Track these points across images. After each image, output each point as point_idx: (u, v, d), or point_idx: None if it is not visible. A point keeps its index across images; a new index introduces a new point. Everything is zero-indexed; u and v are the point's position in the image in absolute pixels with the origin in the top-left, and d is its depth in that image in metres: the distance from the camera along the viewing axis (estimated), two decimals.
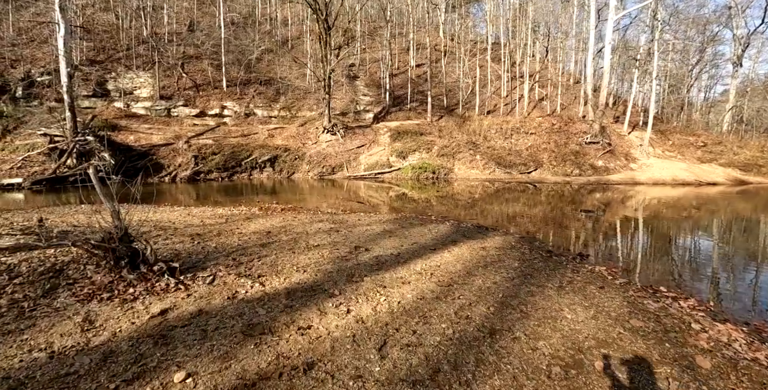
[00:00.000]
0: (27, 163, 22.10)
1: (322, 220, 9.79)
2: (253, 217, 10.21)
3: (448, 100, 32.61)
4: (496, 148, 26.73)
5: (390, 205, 14.63)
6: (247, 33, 36.46)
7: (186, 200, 15.63)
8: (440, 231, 9.01)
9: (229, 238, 7.29)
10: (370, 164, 24.90)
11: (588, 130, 28.38)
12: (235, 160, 24.66)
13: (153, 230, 8.02)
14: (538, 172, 25.48)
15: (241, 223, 9.16)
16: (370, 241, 7.55)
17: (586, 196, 18.51)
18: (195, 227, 8.46)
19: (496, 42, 39.51)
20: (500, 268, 6.41)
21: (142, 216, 10.20)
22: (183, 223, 9.14)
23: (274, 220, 9.69)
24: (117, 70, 30.57)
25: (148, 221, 9.41)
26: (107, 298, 4.31)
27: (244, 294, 4.56)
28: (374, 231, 8.59)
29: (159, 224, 8.86)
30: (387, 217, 10.82)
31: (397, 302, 4.62)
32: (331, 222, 9.57)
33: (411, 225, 9.59)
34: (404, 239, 7.92)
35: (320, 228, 8.64)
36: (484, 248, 7.68)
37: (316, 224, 9.14)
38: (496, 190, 19.91)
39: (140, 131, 27.11)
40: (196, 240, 7.08)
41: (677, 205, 16.45)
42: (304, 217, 10.19)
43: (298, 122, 29.02)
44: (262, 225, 8.87)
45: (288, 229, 8.45)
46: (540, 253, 7.77)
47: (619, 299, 5.48)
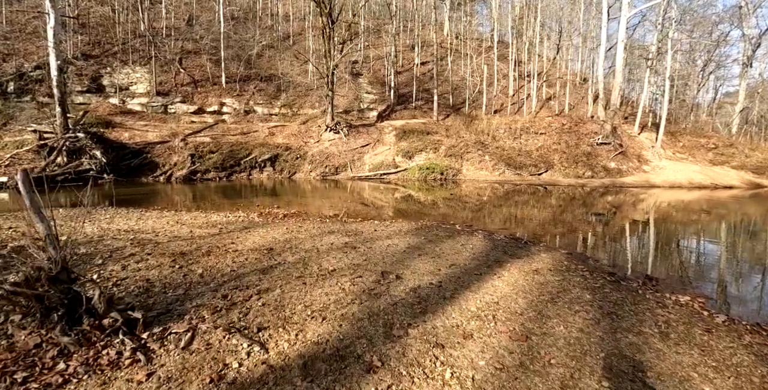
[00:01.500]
0: (16, 161, 20.37)
1: (333, 231, 8.11)
2: (252, 226, 8.53)
3: (454, 98, 30.96)
4: (505, 149, 25.12)
5: (401, 210, 12.98)
6: (247, 28, 34.68)
7: (180, 202, 13.92)
8: (476, 247, 7.37)
9: (221, 260, 5.61)
10: (375, 164, 23.24)
11: (599, 130, 26.80)
12: (234, 159, 22.95)
13: (128, 246, 6.34)
14: (549, 173, 23.90)
15: (238, 234, 7.49)
16: (398, 263, 5.89)
17: (606, 201, 16.94)
18: (181, 241, 6.78)
19: (501, 40, 37.86)
20: (572, 303, 4.79)
21: (122, 224, 8.56)
22: (168, 234, 7.46)
23: (277, 230, 8.02)
24: (112, 65, 28.80)
25: (128, 231, 7.75)
26: (21, 382, 2.64)
27: (237, 369, 2.88)
28: (398, 247, 6.93)
29: (138, 236, 7.18)
30: (407, 226, 9.16)
31: (469, 378, 2.98)
32: (344, 233, 7.91)
33: (438, 238, 7.94)
34: (438, 259, 6.28)
35: (333, 243, 6.97)
36: (537, 271, 6.07)
37: (327, 237, 7.48)
38: (508, 193, 18.31)
39: (135, 128, 25.39)
40: (179, 262, 5.40)
41: (705, 209, 14.90)
42: (311, 227, 8.52)
43: (300, 120, 27.30)
44: (262, 238, 7.20)
45: (294, 244, 6.78)
46: (603, 277, 6.19)
47: (742, 351, 3.97)
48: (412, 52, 34.92)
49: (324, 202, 14.36)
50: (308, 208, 12.55)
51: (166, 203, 13.78)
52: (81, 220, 8.68)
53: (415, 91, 30.19)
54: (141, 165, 22.41)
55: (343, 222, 9.51)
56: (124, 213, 10.57)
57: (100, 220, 9.19)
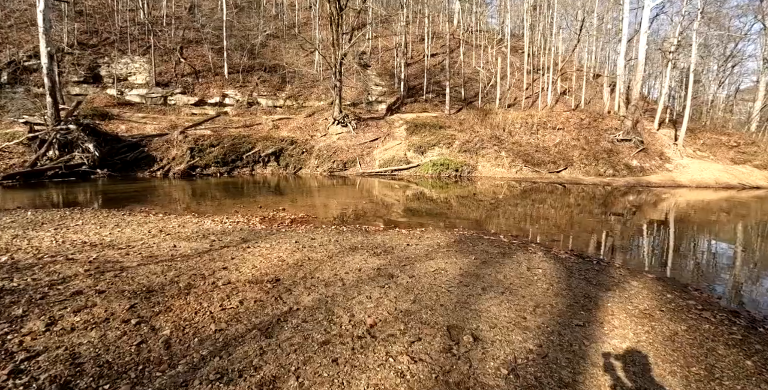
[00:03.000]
0: (5, 154, 18.44)
1: (356, 247, 6.18)
2: (253, 237, 6.62)
3: (466, 91, 28.85)
4: (522, 144, 23.12)
5: (422, 211, 11.02)
6: (251, 16, 32.54)
7: (174, 201, 11.98)
8: (547, 273, 5.44)
9: (204, 305, 3.68)
10: (386, 160, 21.25)
11: (619, 126, 24.77)
12: (236, 153, 20.96)
13: (80, 275, 4.42)
14: (569, 171, 21.94)
15: (233, 252, 5.57)
16: (463, 307, 3.98)
17: (641, 202, 15.00)
18: (156, 265, 4.86)
19: (514, 34, 35.69)
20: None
21: (92, 234, 6.65)
22: (143, 251, 5.55)
23: (283, 244, 6.10)
24: (110, 55, 26.73)
25: (94, 246, 5.87)
26: None
27: None
28: (449, 274, 5.02)
29: (103, 256, 5.28)
30: (443, 238, 7.23)
31: None
32: (370, 250, 6.00)
33: (491, 258, 6.02)
34: (513, 297, 4.36)
35: (360, 268, 5.05)
36: (649, 314, 4.21)
37: (351, 256, 5.56)
38: (529, 192, 16.35)
39: (133, 120, 23.41)
40: (139, 311, 3.49)
41: (753, 213, 12.96)
42: (327, 240, 6.60)
43: (306, 113, 25.24)
44: (265, 259, 5.28)
45: (308, 270, 4.87)
46: (730, 320, 4.33)
47: None
48: (422, 44, 32.75)
49: (334, 202, 12.41)
50: (317, 210, 10.61)
51: (158, 203, 11.86)
52: (43, 229, 6.78)
53: (426, 83, 28.08)
54: (137, 159, 20.46)
55: (364, 231, 7.57)
56: (102, 217, 8.64)
57: (68, 228, 7.28)
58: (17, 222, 7.90)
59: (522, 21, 38.31)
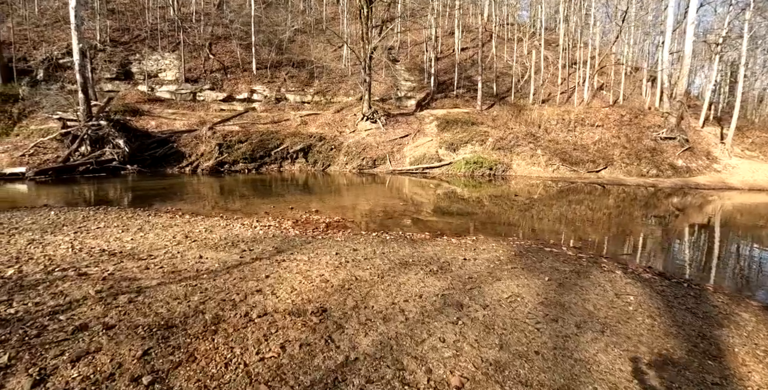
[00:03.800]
0: (40, 149, 18.28)
1: (407, 261, 5.27)
2: (287, 247, 5.78)
3: (498, 87, 27.46)
4: (559, 142, 21.73)
5: (462, 213, 10.00)
6: (278, 12, 31.86)
7: (202, 199, 11.32)
8: (640, 300, 4.41)
9: (236, 352, 2.82)
10: (417, 157, 20.22)
11: (662, 123, 23.07)
12: (264, 149, 20.30)
13: (89, 298, 3.65)
14: (609, 170, 20.46)
15: (267, 267, 4.73)
16: (564, 355, 3.02)
17: (695, 206, 13.62)
18: (178, 284, 4.06)
19: (546, 27, 33.96)
20: None
21: (113, 239, 5.95)
22: (165, 265, 4.76)
23: (323, 257, 5.24)
24: (141, 52, 26.46)
25: (112, 255, 5.15)
26: None
27: None
28: (527, 301, 4.06)
29: (119, 271, 4.52)
30: (501, 250, 6.25)
31: None
32: (425, 266, 5.08)
33: (566, 277, 5.03)
34: (616, 338, 3.38)
35: (422, 294, 4.12)
36: None
37: (405, 275, 4.65)
38: (569, 193, 15.11)
39: (163, 116, 23.06)
40: (152, 360, 2.65)
41: None
42: (371, 251, 5.70)
43: (334, 108, 24.40)
44: (304, 278, 4.42)
45: (358, 296, 3.97)
46: None
47: None
48: (451, 38, 31.42)
49: (367, 202, 11.51)
50: (352, 212, 9.73)
51: (186, 200, 11.23)
52: (62, 233, 6.11)
53: (457, 78, 26.83)
54: (166, 155, 20.05)
55: (410, 240, 6.64)
56: (126, 218, 7.98)
57: (88, 232, 6.60)
58: (38, 223, 7.29)
59: (556, 13, 36.56)
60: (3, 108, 20.50)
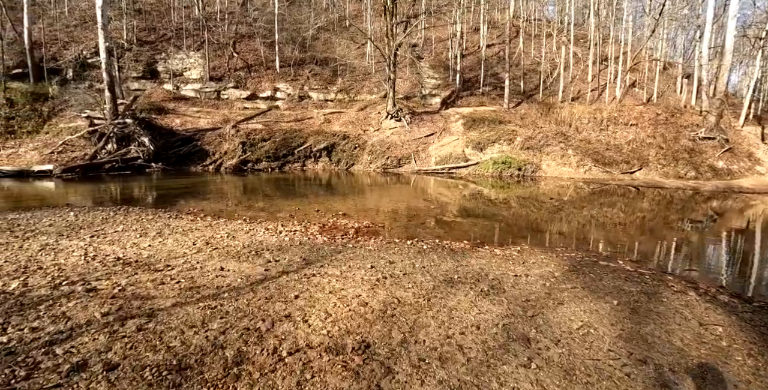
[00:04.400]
0: (68, 147, 18.27)
1: (452, 278, 4.59)
2: (316, 258, 5.17)
3: (525, 84, 26.39)
4: (590, 142, 20.62)
5: (497, 217, 9.22)
6: (302, 10, 31.44)
7: (225, 198, 10.86)
8: (731, 333, 3.63)
9: None
10: (443, 156, 19.44)
11: (701, 122, 21.68)
12: (287, 147, 19.85)
13: (93, 324, 3.11)
14: (644, 172, 19.27)
15: (295, 286, 4.11)
16: None
17: (746, 211, 12.50)
18: (195, 306, 3.49)
19: (575, 22, 32.57)
20: None
21: (129, 245, 5.47)
22: (183, 278, 4.21)
23: (357, 273, 4.61)
24: (167, 51, 26.41)
25: (127, 264, 4.66)
26: None
27: None
28: (602, 334, 3.35)
29: (133, 283, 4.00)
30: (551, 263, 5.52)
31: None
32: (474, 285, 4.40)
33: (633, 299, 4.29)
34: None
35: (479, 325, 3.44)
36: None
37: (453, 298, 3.98)
38: (605, 196, 14.11)
39: (187, 114, 22.90)
40: None
41: None
42: (410, 265, 5.05)
43: (358, 106, 23.80)
44: (339, 300, 3.79)
45: (406, 329, 3.31)
46: None
47: None
48: (476, 34, 30.41)
49: (395, 204, 10.83)
50: (381, 215, 9.06)
51: (209, 199, 10.80)
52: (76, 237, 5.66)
53: (483, 75, 25.86)
54: (190, 153, 19.83)
55: (449, 250, 5.96)
56: (146, 220, 7.53)
57: (105, 236, 6.15)
58: (55, 226, 6.90)
59: (584, 7, 35.15)
60: (34, 106, 20.62)
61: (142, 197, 11.77)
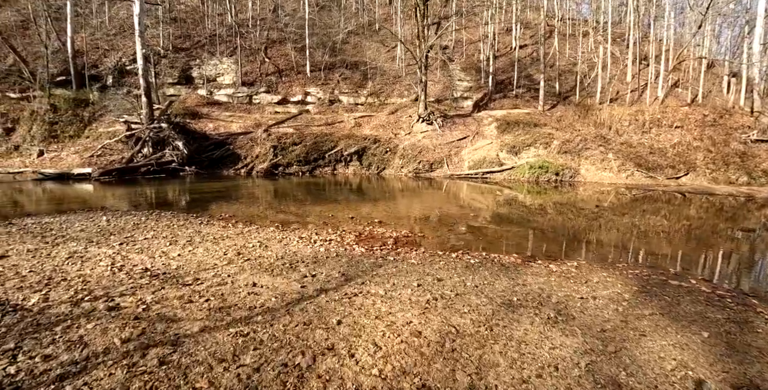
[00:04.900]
0: (107, 151, 18.62)
1: (512, 301, 3.98)
2: (355, 273, 4.66)
3: (560, 85, 25.35)
4: (632, 145, 19.45)
5: (545, 229, 8.48)
6: (332, 14, 31.35)
7: (256, 203, 10.56)
8: None
9: None
10: (476, 161, 18.71)
11: (753, 124, 20.15)
12: (318, 151, 19.59)
13: (111, 352, 2.69)
14: (691, 177, 17.98)
15: (336, 308, 3.60)
16: None
17: None
18: (225, 331, 3.03)
19: (613, 21, 31.21)
20: None
21: (158, 255, 5.11)
22: (211, 298, 3.77)
23: (404, 292, 4.07)
24: (201, 57, 26.78)
25: (154, 277, 4.28)
26: None
27: None
28: (706, 377, 2.69)
29: (159, 300, 3.60)
30: (617, 283, 4.83)
31: None
32: (539, 311, 3.79)
33: (725, 331, 3.58)
34: None
35: (555, 362, 2.85)
36: None
37: (519, 327, 3.38)
38: (648, 202, 13.04)
39: (220, 119, 23.04)
40: None
41: None
42: (461, 284, 4.48)
43: (388, 110, 23.34)
44: (387, 328, 3.25)
45: (472, 369, 2.75)
46: None
47: None
48: (508, 35, 29.54)
49: (431, 211, 10.24)
50: (418, 223, 8.50)
51: (241, 203, 10.52)
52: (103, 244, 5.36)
53: (516, 77, 24.96)
54: (223, 157, 19.86)
55: (500, 266, 5.34)
56: (177, 226, 7.25)
57: (135, 243, 5.85)
58: (86, 231, 6.68)
59: (621, 5, 33.68)
60: (75, 112, 21.16)
61: (175, 201, 11.63)
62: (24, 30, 27.23)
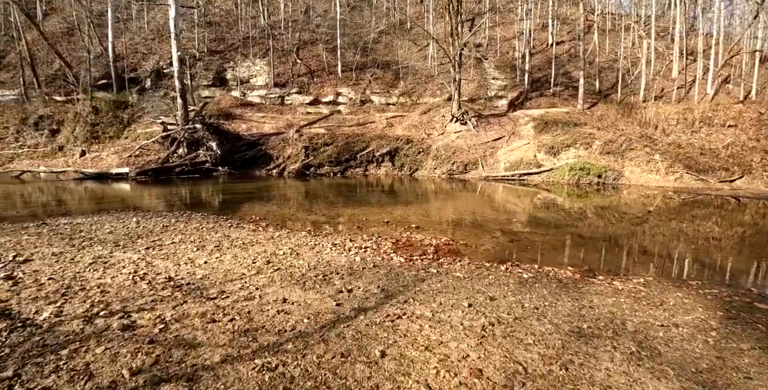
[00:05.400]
0: (144, 151, 18.89)
1: (582, 329, 3.33)
2: (396, 289, 4.11)
3: (600, 83, 24.02)
4: (681, 146, 18.05)
5: (596, 238, 7.68)
6: (363, 14, 30.99)
7: (288, 204, 10.20)
8: None
9: None
10: (512, 162, 17.81)
11: None
12: (350, 152, 19.19)
13: (119, 386, 2.25)
14: (746, 180, 16.46)
15: (377, 334, 3.07)
16: None
17: None
18: (250, 363, 2.55)
19: (656, 15, 29.42)
20: None
21: (183, 262, 4.73)
22: (236, 317, 3.31)
23: (453, 315, 3.49)
24: (235, 59, 26.97)
25: (176, 288, 3.89)
26: None
27: None
28: None
29: (179, 318, 3.18)
30: (697, 307, 4.08)
31: None
32: (614, 341, 3.14)
33: None
34: None
35: None
36: None
37: (598, 364, 2.74)
38: (701, 207, 11.86)
39: (253, 120, 23.05)
40: None
41: None
42: (517, 304, 3.86)
43: (420, 110, 22.69)
44: (440, 363, 2.69)
45: None
46: None
47: None
48: (544, 32, 28.29)
49: (470, 215, 9.57)
50: (458, 230, 7.86)
51: (272, 204, 10.20)
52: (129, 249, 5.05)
53: (554, 75, 23.81)
54: (255, 157, 19.78)
55: (558, 282, 4.67)
56: (206, 229, 6.93)
57: (161, 248, 5.52)
58: (114, 233, 6.43)
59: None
60: (115, 114, 21.61)
61: (207, 201, 11.46)
62: (69, 36, 28.20)
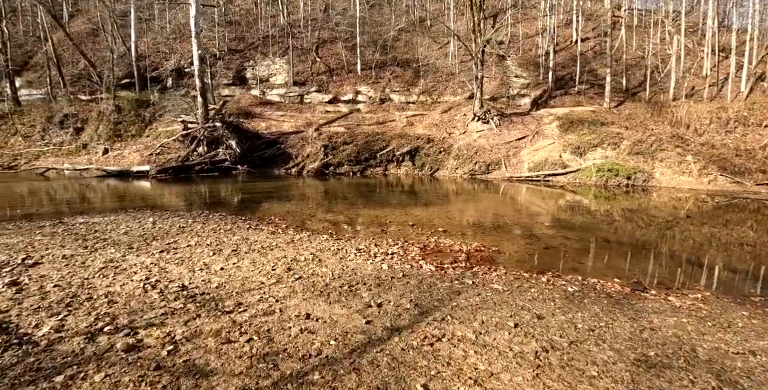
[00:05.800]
0: (165, 149, 18.95)
1: (649, 357, 2.83)
2: (430, 304, 3.65)
3: (627, 81, 23.05)
4: (714, 146, 17.07)
5: (633, 243, 7.08)
6: (383, 12, 30.53)
7: (308, 205, 9.85)
8: None
9: None
10: (536, 162, 17.11)
11: None
12: (369, 151, 18.77)
13: None
14: None
15: (414, 356, 2.63)
16: None
17: None
18: None
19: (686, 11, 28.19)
20: None
21: (198, 267, 4.37)
22: (255, 337, 2.91)
23: (499, 337, 3.03)
24: (254, 58, 26.87)
25: (190, 298, 3.55)
26: None
27: None
28: None
29: (190, 338, 2.78)
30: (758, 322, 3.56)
31: None
32: (689, 373, 2.63)
33: None
34: None
35: None
36: None
37: None
38: (732, 210, 10.99)
39: (272, 118, 22.86)
40: None
41: None
42: (569, 324, 3.37)
43: (441, 108, 22.11)
44: None
45: None
46: None
47: None
48: (568, 28, 27.36)
49: (498, 218, 9.03)
50: (487, 234, 7.32)
51: (292, 204, 9.88)
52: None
53: (578, 72, 22.93)
54: (274, 156, 19.55)
55: (608, 296, 4.16)
56: (224, 231, 6.61)
57: (176, 252, 5.18)
58: (129, 234, 6.16)
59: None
60: (138, 112, 21.69)
61: (226, 200, 11.22)
62: (93, 37, 28.54)
